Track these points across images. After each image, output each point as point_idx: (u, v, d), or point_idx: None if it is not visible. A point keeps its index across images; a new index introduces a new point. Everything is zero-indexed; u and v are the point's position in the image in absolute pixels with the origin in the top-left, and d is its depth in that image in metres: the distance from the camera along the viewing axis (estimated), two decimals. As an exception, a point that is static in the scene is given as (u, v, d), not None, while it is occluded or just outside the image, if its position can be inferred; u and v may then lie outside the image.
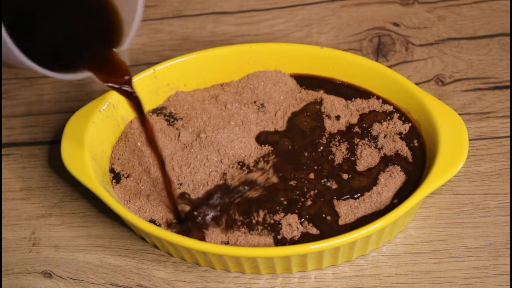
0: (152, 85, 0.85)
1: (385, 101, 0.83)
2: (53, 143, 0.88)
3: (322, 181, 0.78)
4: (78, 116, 0.81)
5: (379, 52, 0.93)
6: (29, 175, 0.85)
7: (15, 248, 0.80)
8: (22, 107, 0.91)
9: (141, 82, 0.84)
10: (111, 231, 0.81)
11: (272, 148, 0.81)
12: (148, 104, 0.85)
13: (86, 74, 0.72)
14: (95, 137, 0.81)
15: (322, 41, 0.94)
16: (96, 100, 0.82)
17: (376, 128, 0.81)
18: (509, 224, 0.78)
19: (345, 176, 0.78)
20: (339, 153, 0.80)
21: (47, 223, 0.82)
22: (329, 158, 0.79)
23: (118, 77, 0.74)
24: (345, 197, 0.77)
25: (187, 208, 0.77)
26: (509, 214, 0.79)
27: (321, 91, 0.84)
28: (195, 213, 0.76)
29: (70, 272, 0.78)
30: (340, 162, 0.79)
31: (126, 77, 0.74)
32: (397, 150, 0.79)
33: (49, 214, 0.82)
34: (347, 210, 0.76)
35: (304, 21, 0.97)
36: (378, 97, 0.83)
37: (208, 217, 0.76)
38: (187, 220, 0.76)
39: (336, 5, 0.98)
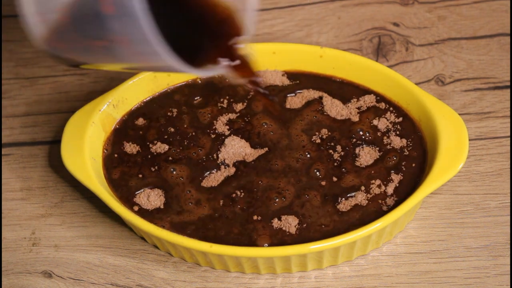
0: (152, 85, 0.85)
1: (385, 101, 0.83)
2: (53, 143, 0.88)
3: (322, 180, 0.78)
4: (78, 116, 0.81)
5: (379, 52, 0.93)
6: (29, 175, 0.85)
7: (15, 248, 0.80)
8: (22, 107, 0.91)
9: (141, 82, 0.84)
10: (111, 231, 0.81)
11: (271, 147, 0.81)
12: (148, 104, 0.85)
13: (219, 70, 0.69)
14: (95, 137, 0.81)
15: (322, 41, 0.94)
16: (96, 100, 0.82)
17: (376, 127, 0.81)
18: (509, 224, 0.78)
19: (344, 175, 0.78)
20: (339, 152, 0.80)
21: (47, 223, 0.82)
22: (329, 157, 0.79)
23: (248, 74, 0.71)
24: (345, 196, 0.77)
25: None
26: (509, 214, 0.79)
27: (321, 90, 0.84)
28: None
29: (70, 272, 0.78)
30: (340, 161, 0.79)
31: (255, 76, 0.71)
32: (397, 150, 0.79)
33: (49, 214, 0.82)
34: (347, 209, 0.76)
35: (304, 21, 0.97)
36: (378, 97, 0.83)
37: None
38: None
39: (336, 5, 0.98)
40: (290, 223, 0.75)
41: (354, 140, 0.80)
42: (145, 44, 0.61)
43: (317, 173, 0.78)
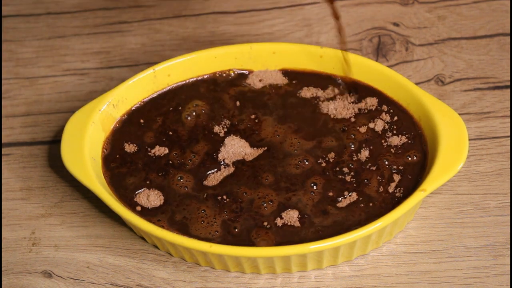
0: (152, 85, 0.85)
1: (385, 101, 0.83)
2: (53, 143, 0.88)
3: (321, 179, 0.78)
4: (78, 116, 0.81)
5: (379, 52, 0.93)
6: (29, 175, 0.85)
7: (15, 248, 0.80)
8: (22, 107, 0.91)
9: (141, 82, 0.84)
10: (111, 231, 0.81)
11: (271, 146, 0.81)
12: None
13: None
14: (95, 137, 0.81)
15: (322, 41, 0.94)
16: (96, 100, 0.82)
17: (376, 127, 0.81)
18: (509, 224, 0.78)
19: (344, 174, 0.78)
20: (338, 151, 0.80)
21: (47, 223, 0.82)
22: (329, 156, 0.79)
23: None
24: (344, 195, 0.77)
25: None
26: (509, 214, 0.79)
27: (321, 90, 0.84)
28: None
29: (70, 272, 0.78)
30: (339, 160, 0.79)
31: None
32: (397, 149, 0.79)
33: (49, 214, 0.82)
34: (347, 208, 0.76)
35: (304, 21, 0.97)
36: (378, 96, 0.83)
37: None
38: None
39: (336, 5, 0.98)
40: (292, 216, 0.75)
41: (354, 140, 0.80)
42: None
43: (317, 172, 0.78)
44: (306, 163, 0.79)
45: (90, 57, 0.95)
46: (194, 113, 0.84)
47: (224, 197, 0.78)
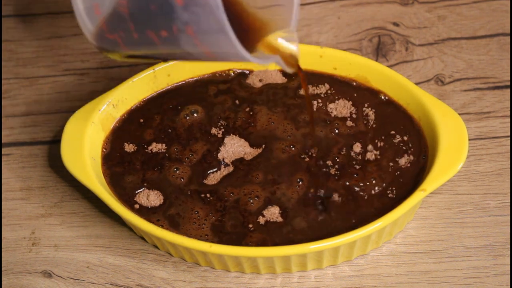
0: (152, 84, 0.85)
1: (384, 100, 0.83)
2: (53, 143, 0.88)
3: (322, 179, 0.78)
4: (78, 116, 0.81)
5: (379, 52, 0.93)
6: (29, 175, 0.85)
7: (15, 248, 0.80)
8: (22, 107, 0.91)
9: (140, 81, 0.84)
10: (111, 231, 0.81)
11: (271, 145, 0.81)
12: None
13: (274, 59, 0.69)
14: (94, 137, 0.81)
15: (322, 41, 0.94)
16: (96, 100, 0.82)
17: (375, 127, 0.81)
18: (509, 224, 0.78)
19: (344, 174, 0.78)
20: (339, 151, 0.80)
21: (47, 223, 0.82)
22: (328, 156, 0.79)
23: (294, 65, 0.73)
24: (343, 195, 0.77)
25: None
26: (509, 214, 0.79)
27: (321, 89, 0.84)
28: None
29: (70, 272, 0.78)
30: (340, 159, 0.79)
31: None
32: (397, 150, 0.79)
33: (49, 214, 0.82)
34: (346, 208, 0.76)
35: (304, 21, 0.97)
36: (377, 97, 0.83)
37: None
38: None
39: (336, 5, 0.98)
40: (279, 214, 0.76)
41: (354, 139, 0.80)
42: (216, 32, 0.61)
43: (317, 171, 0.78)
44: (293, 148, 0.79)
45: (90, 57, 0.95)
46: (193, 114, 0.84)
47: (209, 195, 0.78)
